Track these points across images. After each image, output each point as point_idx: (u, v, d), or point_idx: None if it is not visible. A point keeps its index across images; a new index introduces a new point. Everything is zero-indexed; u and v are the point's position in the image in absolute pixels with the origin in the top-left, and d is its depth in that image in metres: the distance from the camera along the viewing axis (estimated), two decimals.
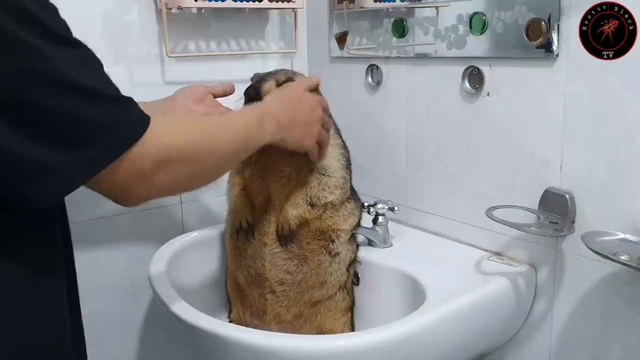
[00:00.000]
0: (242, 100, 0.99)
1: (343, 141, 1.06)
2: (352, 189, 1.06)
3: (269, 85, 0.97)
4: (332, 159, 1.01)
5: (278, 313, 1.03)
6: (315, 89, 0.97)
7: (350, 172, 1.05)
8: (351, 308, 1.08)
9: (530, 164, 0.94)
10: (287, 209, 0.99)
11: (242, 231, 1.03)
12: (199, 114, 0.96)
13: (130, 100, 0.60)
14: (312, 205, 0.99)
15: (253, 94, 0.96)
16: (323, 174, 1.00)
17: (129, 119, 0.59)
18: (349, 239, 1.04)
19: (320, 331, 1.05)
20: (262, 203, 1.02)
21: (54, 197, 0.56)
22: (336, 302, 1.04)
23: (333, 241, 1.01)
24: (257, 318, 1.05)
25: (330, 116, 1.05)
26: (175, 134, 0.64)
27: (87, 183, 0.57)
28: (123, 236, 1.21)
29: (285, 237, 1.00)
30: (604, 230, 0.83)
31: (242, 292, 1.07)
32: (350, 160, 1.05)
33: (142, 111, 0.60)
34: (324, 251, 1.01)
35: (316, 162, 0.98)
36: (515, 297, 0.94)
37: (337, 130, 1.06)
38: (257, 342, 0.79)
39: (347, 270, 1.04)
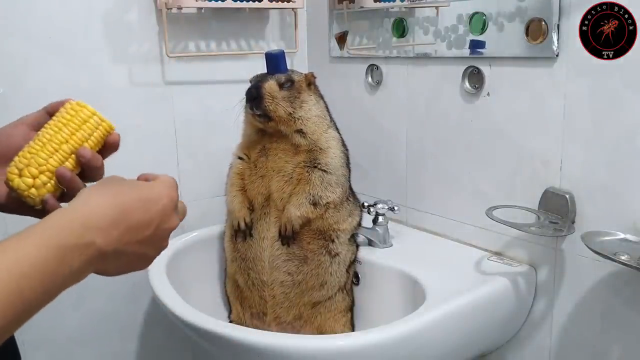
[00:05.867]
0: (244, 101, 0.99)
1: (342, 138, 1.06)
2: (350, 189, 1.06)
3: (270, 84, 0.97)
4: (333, 155, 1.02)
5: (278, 314, 1.03)
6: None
7: (350, 170, 1.05)
8: (351, 308, 1.08)
9: (530, 164, 0.94)
10: (290, 209, 0.99)
11: (240, 232, 1.03)
12: None
13: None
14: (315, 205, 0.99)
15: (255, 94, 0.96)
16: (325, 171, 1.00)
17: None
18: (349, 239, 1.04)
19: (321, 331, 1.05)
20: (261, 203, 1.02)
21: None
22: (336, 303, 1.04)
23: (333, 241, 1.02)
24: (257, 319, 1.05)
25: (326, 108, 1.04)
26: None
27: None
28: None
29: (288, 237, 1.00)
30: (604, 230, 0.83)
31: (242, 294, 1.07)
32: (349, 159, 1.05)
33: None
34: (324, 251, 1.01)
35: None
36: (515, 297, 0.94)
37: (336, 126, 1.06)
38: (257, 342, 0.79)
39: (347, 271, 1.04)
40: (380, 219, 1.10)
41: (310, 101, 1.01)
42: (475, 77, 1.01)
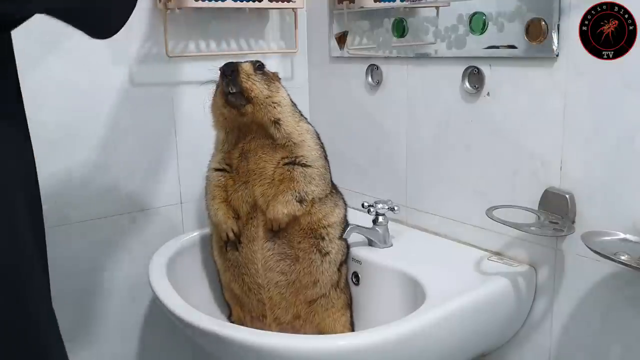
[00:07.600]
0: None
1: (317, 132, 1.05)
2: (332, 183, 1.06)
3: (245, 64, 0.97)
4: (309, 148, 1.01)
5: (277, 316, 1.03)
6: None
7: (328, 163, 1.05)
8: (349, 306, 1.08)
9: (530, 164, 0.94)
10: (277, 207, 0.98)
11: (230, 242, 1.03)
12: None
13: None
14: (301, 201, 0.99)
15: (231, 69, 0.95)
16: (305, 165, 1.00)
17: None
18: (339, 237, 1.04)
19: (321, 331, 1.05)
20: (247, 211, 1.01)
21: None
22: (332, 301, 1.05)
23: (323, 238, 1.02)
24: (257, 321, 1.06)
25: (294, 104, 1.03)
26: None
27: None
28: (123, 236, 1.21)
29: (275, 232, 1.00)
30: (604, 230, 0.83)
31: (239, 300, 1.07)
32: (326, 151, 1.05)
33: None
34: (315, 249, 1.01)
35: None
36: (515, 297, 0.94)
37: (305, 118, 1.05)
38: (257, 342, 0.79)
39: (339, 270, 1.05)
40: (380, 219, 1.10)
41: (283, 90, 1.01)
42: (475, 77, 1.01)
